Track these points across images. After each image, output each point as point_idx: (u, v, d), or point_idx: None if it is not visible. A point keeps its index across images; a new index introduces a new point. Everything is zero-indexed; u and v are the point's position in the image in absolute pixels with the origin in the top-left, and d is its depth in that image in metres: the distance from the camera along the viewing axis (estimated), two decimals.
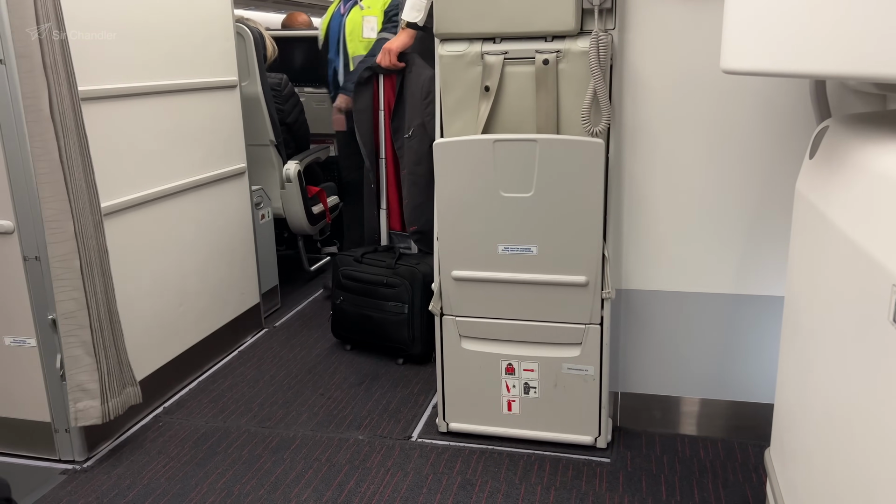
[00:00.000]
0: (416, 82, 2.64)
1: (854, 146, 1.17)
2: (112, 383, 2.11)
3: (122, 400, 2.15)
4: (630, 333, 2.19)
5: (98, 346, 2.07)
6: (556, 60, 1.90)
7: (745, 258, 2.05)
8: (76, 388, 2.06)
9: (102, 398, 2.08)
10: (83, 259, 2.01)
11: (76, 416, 2.07)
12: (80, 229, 1.99)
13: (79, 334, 2.04)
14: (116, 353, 2.14)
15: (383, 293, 2.74)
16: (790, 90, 1.90)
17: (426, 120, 2.62)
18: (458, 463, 2.09)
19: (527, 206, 1.96)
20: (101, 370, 2.08)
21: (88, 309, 2.03)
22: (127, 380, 2.18)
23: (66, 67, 1.92)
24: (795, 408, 1.36)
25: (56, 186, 1.94)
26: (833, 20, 1.01)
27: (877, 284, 0.93)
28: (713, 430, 2.20)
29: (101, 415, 2.08)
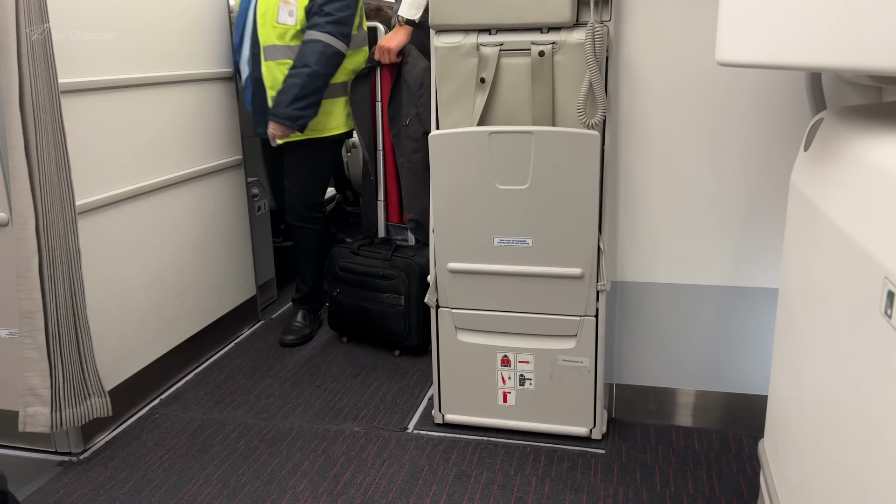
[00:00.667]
0: (412, 73, 2.66)
1: (849, 139, 1.17)
2: (69, 392, 2.00)
3: (83, 411, 2.04)
4: (625, 325, 2.20)
5: (54, 353, 1.96)
6: (551, 52, 1.89)
7: (739, 250, 2.06)
8: (27, 392, 1.96)
9: (54, 406, 1.98)
10: (45, 260, 1.91)
11: (24, 421, 1.97)
12: (46, 228, 1.90)
13: (35, 336, 1.93)
14: (80, 360, 2.03)
15: (380, 285, 2.75)
16: (786, 82, 1.90)
17: (420, 110, 2.64)
18: (453, 454, 2.09)
19: (522, 199, 1.96)
20: (56, 377, 1.97)
21: (45, 312, 1.93)
22: (92, 390, 2.06)
23: (46, 59, 1.85)
24: (789, 399, 1.37)
25: (21, 181, 1.85)
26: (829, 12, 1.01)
27: (869, 277, 0.93)
28: (708, 422, 2.21)
29: (49, 423, 1.97)
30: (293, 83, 2.57)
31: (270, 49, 2.64)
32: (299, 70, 2.57)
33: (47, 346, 1.96)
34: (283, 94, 2.59)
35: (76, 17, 2.08)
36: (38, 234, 1.90)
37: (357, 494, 1.92)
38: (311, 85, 2.59)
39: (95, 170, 2.18)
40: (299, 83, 2.57)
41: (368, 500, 1.90)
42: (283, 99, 2.59)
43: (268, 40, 2.63)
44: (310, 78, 2.58)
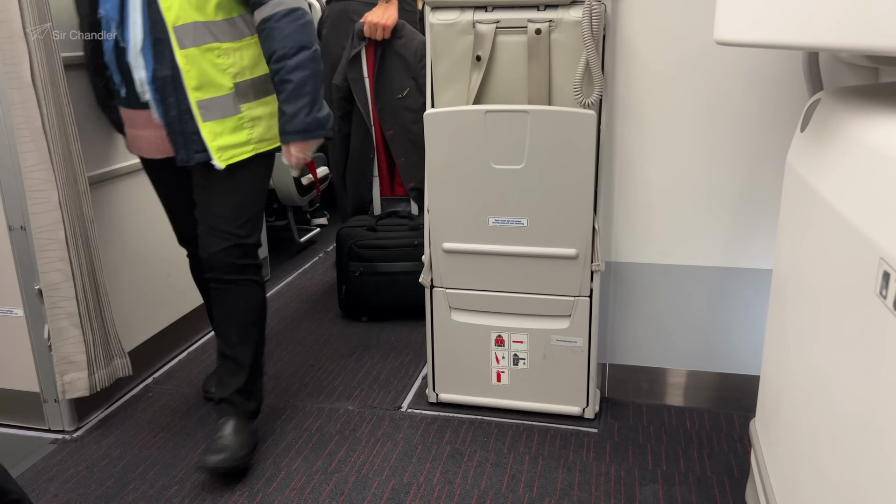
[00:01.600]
0: (409, 46, 2.69)
1: (845, 119, 1.16)
2: (99, 355, 2.10)
3: (110, 371, 2.14)
4: (619, 306, 2.21)
5: (84, 318, 2.05)
6: (548, 30, 1.88)
7: (734, 231, 2.06)
8: (62, 361, 2.05)
9: (89, 369, 2.07)
10: (68, 229, 1.98)
11: (64, 389, 2.06)
12: (65, 199, 1.96)
13: (64, 306, 2.02)
14: (103, 324, 2.12)
15: (413, 253, 2.74)
16: (783, 62, 1.89)
17: (421, 83, 2.63)
18: (447, 433, 2.11)
19: (518, 178, 1.95)
20: (88, 342, 2.06)
21: (74, 280, 2.01)
22: (115, 351, 2.16)
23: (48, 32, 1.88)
24: (781, 379, 1.38)
25: (40, 155, 1.91)
26: None
27: (864, 258, 0.94)
28: (700, 401, 2.22)
29: (88, 387, 2.07)
30: (303, 78, 1.77)
31: (187, 30, 1.74)
32: (299, 57, 1.77)
33: (78, 313, 2.03)
34: (295, 99, 1.79)
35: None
36: (60, 205, 1.95)
37: (351, 472, 1.93)
38: (319, 72, 1.83)
39: (88, 145, 2.15)
40: (309, 74, 1.78)
41: (362, 478, 1.91)
42: (298, 105, 1.79)
43: (181, 16, 1.73)
44: (316, 63, 1.81)
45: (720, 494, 1.82)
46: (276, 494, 1.85)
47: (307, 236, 3.88)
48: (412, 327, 2.81)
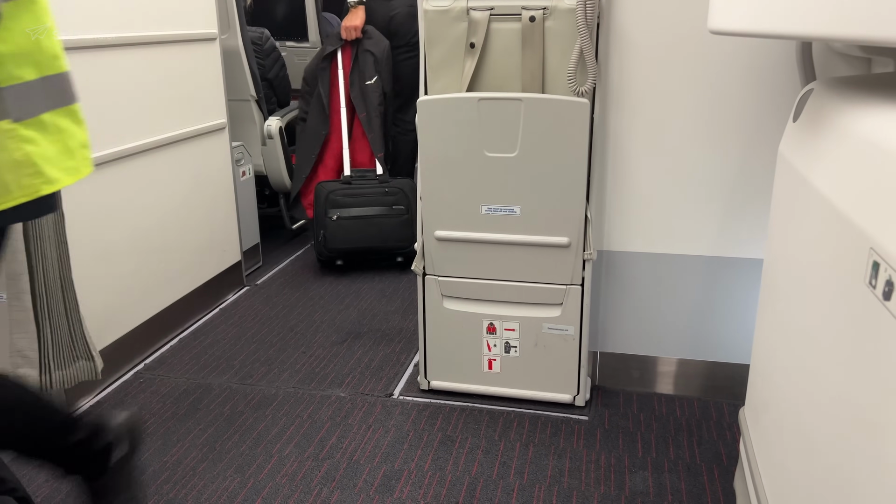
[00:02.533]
0: (379, 45, 3.31)
1: (837, 109, 1.17)
2: (58, 354, 2.01)
3: (72, 373, 2.04)
4: (610, 294, 2.21)
5: (42, 315, 1.96)
6: (542, 17, 1.87)
7: (726, 220, 2.07)
8: (16, 354, 1.97)
9: (42, 368, 1.99)
10: (29, 222, 1.89)
11: None
12: None
13: (22, 299, 1.94)
14: (68, 323, 2.03)
15: (386, 200, 3.19)
16: (776, 52, 1.89)
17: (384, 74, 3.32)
18: (438, 420, 2.11)
19: (511, 166, 1.95)
20: (44, 339, 1.98)
21: (32, 274, 1.92)
22: (80, 353, 2.06)
23: None
24: (770, 368, 1.39)
25: None
26: None
27: (855, 247, 0.94)
28: (690, 390, 2.24)
29: (39, 385, 1.98)
30: None
31: None
32: None
33: (34, 309, 1.96)
34: None
35: None
36: None
37: (342, 459, 1.94)
38: None
39: None
40: None
41: (354, 464, 1.92)
42: None
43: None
44: None
45: (709, 482, 1.84)
46: (267, 480, 1.86)
47: (299, 223, 3.87)
48: (403, 314, 2.81)
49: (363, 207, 3.17)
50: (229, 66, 3.12)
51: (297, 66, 4.18)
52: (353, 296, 3.02)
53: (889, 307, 0.82)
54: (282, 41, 4.07)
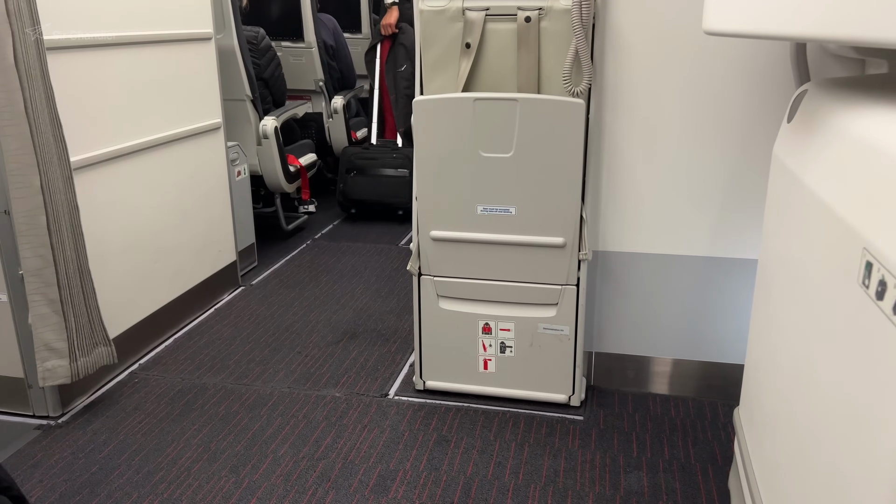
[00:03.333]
0: (409, 38, 3.94)
1: (831, 110, 1.17)
2: (82, 342, 2.08)
3: (93, 359, 2.12)
4: (605, 294, 2.22)
5: (66, 305, 2.02)
6: (538, 18, 1.87)
7: (721, 221, 2.07)
8: (43, 348, 2.02)
9: (71, 357, 2.05)
10: (50, 215, 1.95)
11: (44, 376, 2.04)
12: (48, 184, 1.93)
13: (46, 292, 1.99)
14: (87, 311, 2.10)
15: (392, 162, 3.92)
16: (771, 53, 1.90)
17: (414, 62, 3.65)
18: (434, 420, 2.11)
19: (506, 167, 1.95)
20: (70, 328, 2.04)
21: (56, 266, 1.98)
22: (98, 339, 2.14)
23: (31, 14, 1.85)
24: (765, 368, 1.39)
25: (22, 139, 1.87)
26: None
27: (848, 247, 0.94)
28: (685, 390, 2.24)
29: (69, 374, 2.05)
30: None
31: None
32: None
33: (60, 301, 2.01)
34: None
35: None
36: (42, 190, 1.92)
37: (338, 459, 1.94)
38: None
39: (73, 131, 2.13)
40: None
41: (349, 464, 1.92)
42: None
43: None
44: None
45: (703, 482, 1.84)
46: (262, 480, 1.85)
47: (295, 223, 3.86)
48: (399, 314, 2.81)
49: (374, 169, 3.92)
50: (225, 65, 3.12)
51: (293, 65, 4.18)
52: (348, 296, 3.02)
53: (882, 307, 0.83)
54: (277, 41, 4.07)
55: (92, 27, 2.20)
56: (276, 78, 3.64)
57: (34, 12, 1.86)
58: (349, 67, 4.50)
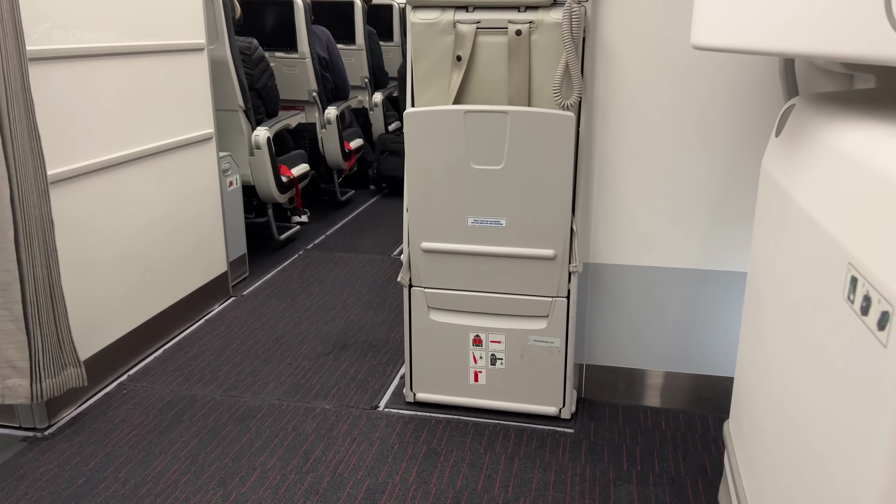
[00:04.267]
0: None
1: (819, 125, 1.18)
2: (48, 363, 2.00)
3: (61, 381, 2.04)
4: (596, 307, 2.22)
5: (33, 322, 1.95)
6: (528, 31, 1.88)
7: (710, 234, 2.08)
8: (6, 364, 1.95)
9: (33, 377, 1.97)
10: (21, 229, 1.88)
11: (3, 394, 1.97)
12: (21, 197, 1.87)
13: (11, 308, 1.92)
14: (57, 330, 2.02)
15: None
16: (759, 67, 1.91)
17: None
18: (423, 432, 2.10)
19: (497, 179, 1.95)
20: (35, 348, 1.97)
21: (23, 282, 1.91)
22: (68, 360, 2.07)
23: (14, 23, 1.81)
24: (754, 381, 1.39)
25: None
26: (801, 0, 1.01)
27: (833, 262, 0.95)
28: (675, 403, 2.24)
29: (29, 394, 1.97)
30: None
31: None
32: None
33: (25, 318, 1.95)
34: None
35: None
36: (13, 203, 1.87)
37: (326, 472, 1.93)
38: None
39: (63, 141, 2.12)
40: None
41: (338, 477, 1.91)
42: None
43: None
44: None
45: (693, 495, 1.84)
46: (250, 493, 1.84)
47: (287, 234, 3.86)
48: (390, 326, 2.81)
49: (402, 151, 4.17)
50: (217, 76, 3.12)
51: (287, 76, 4.18)
52: (339, 307, 3.01)
53: (867, 322, 0.83)
54: (271, 51, 4.07)
55: (83, 37, 2.19)
56: (268, 88, 3.64)
57: (18, 21, 1.82)
58: (342, 79, 4.51)
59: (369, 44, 5.05)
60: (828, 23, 0.99)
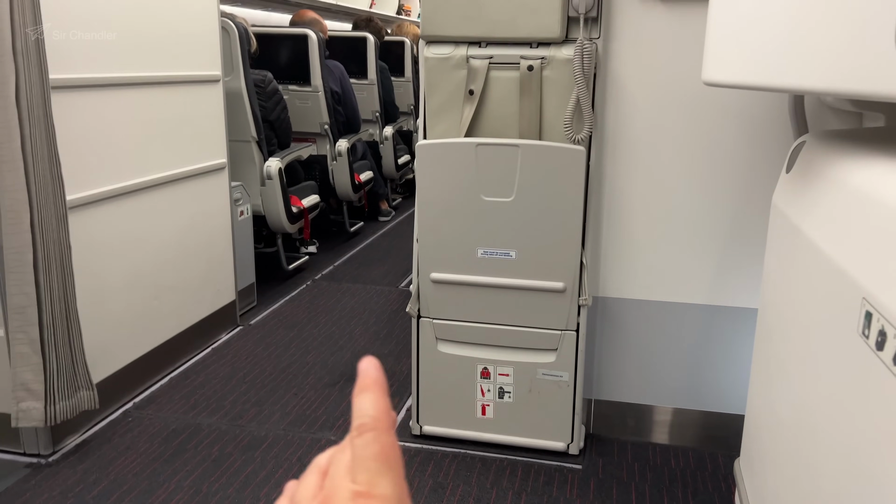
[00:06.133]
0: None
1: (829, 162, 1.18)
2: (62, 385, 2.01)
3: (74, 403, 2.05)
4: (605, 341, 2.20)
5: (48, 346, 1.97)
6: (540, 67, 1.91)
7: (721, 269, 2.07)
8: (20, 387, 1.96)
9: (47, 400, 1.98)
10: (40, 253, 1.91)
11: (17, 417, 1.97)
12: (40, 222, 1.91)
13: (28, 331, 1.94)
14: (71, 353, 2.04)
15: None
16: (769, 104, 1.92)
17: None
18: (430, 466, 2.08)
19: (507, 211, 1.96)
20: (50, 371, 1.98)
21: (40, 305, 1.93)
22: (81, 383, 2.07)
23: (38, 54, 1.86)
24: (765, 419, 1.37)
25: (16, 176, 1.86)
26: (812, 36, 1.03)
27: (847, 297, 0.94)
28: (685, 440, 2.21)
29: (43, 417, 1.98)
30: None
31: None
32: None
33: (41, 341, 1.96)
34: None
35: (73, 17, 2.07)
36: (32, 228, 1.90)
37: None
38: None
39: (80, 167, 2.15)
40: None
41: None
42: None
43: None
44: None
45: None
46: None
47: (295, 264, 3.87)
48: (397, 357, 2.79)
49: None
50: (231, 107, 3.16)
51: (300, 108, 4.23)
52: (346, 337, 3.00)
53: (882, 357, 0.82)
54: (285, 84, 4.13)
55: (102, 67, 2.24)
56: (281, 121, 3.69)
57: (42, 52, 1.88)
58: (354, 112, 4.56)
59: (381, 79, 5.10)
60: (837, 60, 1.01)
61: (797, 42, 1.05)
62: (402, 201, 5.73)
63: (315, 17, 4.50)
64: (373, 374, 0.41)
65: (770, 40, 1.09)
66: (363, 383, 0.40)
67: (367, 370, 0.41)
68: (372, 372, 0.41)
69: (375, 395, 0.39)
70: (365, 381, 0.40)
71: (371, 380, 0.40)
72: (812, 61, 1.04)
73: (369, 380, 0.40)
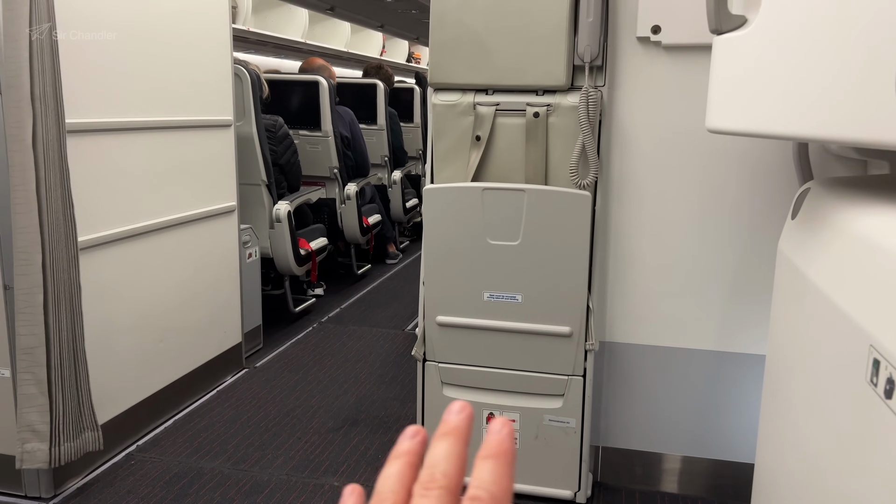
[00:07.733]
0: None
1: (835, 208, 1.19)
2: (68, 426, 2.01)
3: (78, 445, 2.04)
4: (613, 387, 2.18)
5: (55, 386, 1.97)
6: (546, 114, 1.93)
7: (727, 315, 2.06)
8: (26, 428, 1.96)
9: (52, 441, 1.97)
10: (50, 294, 1.93)
11: (22, 458, 1.96)
12: (52, 263, 1.93)
13: (35, 372, 1.94)
14: (78, 394, 2.04)
15: None
16: (774, 151, 1.94)
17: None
18: None
19: (513, 255, 1.97)
20: (56, 412, 1.98)
21: (48, 346, 1.94)
22: (86, 424, 2.07)
23: (55, 99, 1.91)
24: (775, 468, 1.35)
25: (29, 217, 1.89)
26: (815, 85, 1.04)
27: (855, 345, 0.94)
28: (694, 489, 2.17)
29: (48, 458, 1.97)
30: None
31: None
32: None
33: (48, 381, 1.96)
34: None
35: (89, 62, 2.12)
36: (44, 269, 1.92)
37: None
38: None
39: (91, 209, 2.18)
40: None
41: None
42: None
43: None
44: None
45: None
46: None
47: (302, 306, 3.87)
48: (402, 401, 2.77)
49: None
50: (242, 150, 3.21)
51: (309, 152, 4.29)
52: (351, 381, 2.99)
53: (891, 405, 0.81)
54: (295, 129, 4.20)
55: (117, 112, 2.28)
56: (291, 164, 3.74)
57: (59, 97, 1.93)
58: (363, 157, 4.62)
59: (390, 124, 5.19)
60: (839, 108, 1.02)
61: (799, 90, 1.06)
62: (409, 244, 5.76)
63: (323, 64, 4.60)
64: (507, 445, 0.34)
65: (773, 89, 1.10)
66: (494, 450, 0.34)
67: (500, 436, 0.34)
68: (507, 441, 0.34)
69: (501, 469, 0.33)
70: (494, 447, 0.34)
71: (503, 448, 0.34)
72: (814, 109, 1.05)
73: (502, 448, 0.34)
